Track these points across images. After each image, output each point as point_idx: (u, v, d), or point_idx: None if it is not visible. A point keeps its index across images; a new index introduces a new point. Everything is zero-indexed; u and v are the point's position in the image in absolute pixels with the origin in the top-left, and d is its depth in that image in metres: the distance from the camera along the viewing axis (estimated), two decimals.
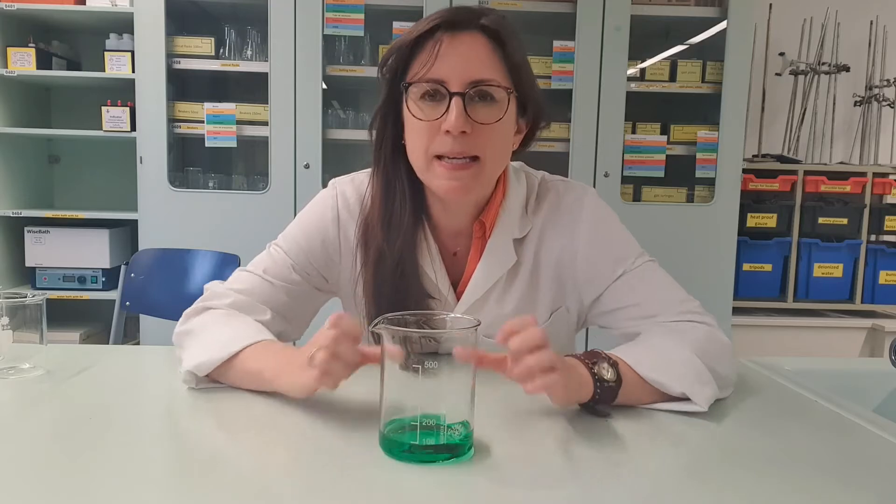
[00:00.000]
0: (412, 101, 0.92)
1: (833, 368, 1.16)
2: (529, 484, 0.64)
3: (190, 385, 0.89)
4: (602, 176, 2.67)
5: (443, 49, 0.89)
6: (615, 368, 0.81)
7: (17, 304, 0.92)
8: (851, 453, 0.77)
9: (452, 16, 0.91)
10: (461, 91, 0.89)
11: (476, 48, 0.90)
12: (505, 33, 0.92)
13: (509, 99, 0.92)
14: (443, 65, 0.89)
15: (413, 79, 0.91)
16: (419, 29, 0.91)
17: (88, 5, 2.71)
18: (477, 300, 1.01)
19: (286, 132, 2.60)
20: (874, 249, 2.99)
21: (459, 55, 0.89)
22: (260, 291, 1.00)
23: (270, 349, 0.88)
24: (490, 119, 0.90)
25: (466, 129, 0.89)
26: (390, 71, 0.94)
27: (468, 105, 0.89)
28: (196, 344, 0.91)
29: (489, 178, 0.96)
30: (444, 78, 0.89)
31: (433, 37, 0.90)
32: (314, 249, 1.03)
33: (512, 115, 0.94)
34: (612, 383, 0.80)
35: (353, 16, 2.59)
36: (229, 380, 0.89)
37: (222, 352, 0.87)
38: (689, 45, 2.91)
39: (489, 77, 0.90)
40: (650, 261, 1.01)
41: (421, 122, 0.91)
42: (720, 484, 0.66)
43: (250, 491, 0.61)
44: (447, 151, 0.90)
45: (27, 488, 0.61)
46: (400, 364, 0.68)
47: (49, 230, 2.78)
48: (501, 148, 0.95)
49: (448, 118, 0.88)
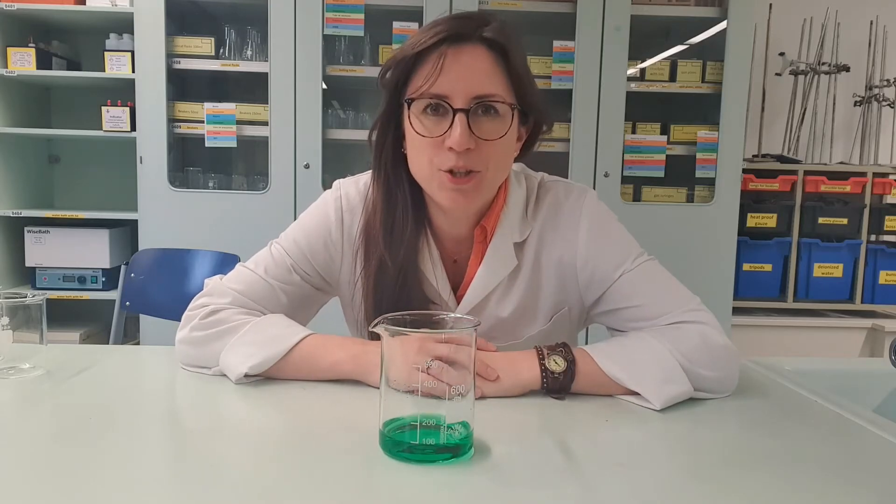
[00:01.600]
0: (414, 116, 0.91)
1: (833, 368, 1.16)
2: (529, 484, 0.64)
3: (240, 381, 0.91)
4: (602, 176, 2.67)
5: (445, 64, 0.88)
6: (569, 361, 0.88)
7: (17, 304, 0.92)
8: (851, 453, 0.77)
9: (455, 28, 0.89)
10: (465, 107, 0.88)
11: (479, 62, 0.89)
12: (508, 44, 0.91)
13: (513, 113, 0.92)
14: (445, 80, 0.88)
15: (415, 93, 0.90)
16: (422, 42, 0.89)
17: (88, 5, 2.71)
18: (477, 304, 1.01)
19: (286, 132, 2.60)
20: (874, 249, 2.99)
21: (462, 70, 0.88)
22: (258, 291, 1.00)
23: (333, 341, 0.93)
24: (494, 135, 0.90)
25: (471, 146, 0.88)
26: (391, 82, 0.93)
27: (472, 120, 0.88)
28: (241, 344, 0.92)
29: (491, 188, 0.96)
30: (447, 93, 0.88)
31: (436, 50, 0.89)
32: (315, 250, 1.03)
33: (515, 128, 0.94)
34: (560, 375, 0.87)
35: (353, 16, 2.59)
36: (284, 373, 0.92)
37: (278, 347, 0.91)
38: (689, 45, 2.91)
39: (492, 92, 0.89)
40: (650, 259, 1.01)
41: (424, 138, 0.90)
42: (720, 483, 0.66)
43: (250, 491, 0.61)
44: (451, 167, 0.90)
45: (27, 488, 0.61)
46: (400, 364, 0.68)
47: (49, 230, 2.78)
48: (504, 160, 0.95)
49: (452, 135, 0.88)
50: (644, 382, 0.86)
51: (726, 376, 0.91)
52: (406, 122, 0.93)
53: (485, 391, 0.86)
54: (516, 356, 0.90)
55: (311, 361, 0.91)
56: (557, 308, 1.04)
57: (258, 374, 0.92)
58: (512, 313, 1.02)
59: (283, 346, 0.91)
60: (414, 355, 0.70)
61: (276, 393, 0.89)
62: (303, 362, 0.91)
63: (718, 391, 0.91)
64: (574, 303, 1.04)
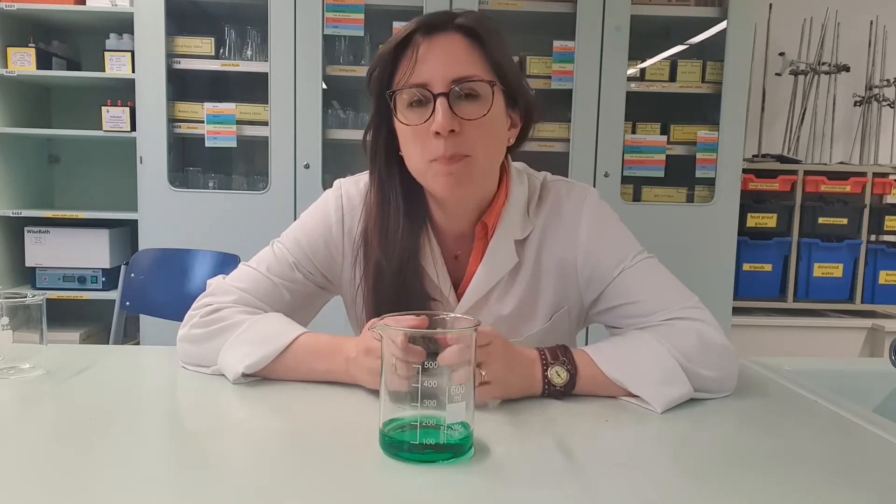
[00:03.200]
0: (400, 111, 0.93)
1: (833, 368, 1.16)
2: (529, 484, 0.64)
3: (237, 381, 0.90)
4: (602, 176, 2.67)
5: (421, 52, 0.90)
6: (570, 372, 0.87)
7: (17, 304, 0.92)
8: (851, 453, 0.77)
9: (428, 20, 0.92)
10: (444, 91, 0.89)
11: (454, 47, 0.91)
12: (482, 30, 0.92)
13: (493, 92, 0.92)
14: (423, 68, 0.90)
15: (397, 86, 0.92)
16: (397, 38, 0.92)
17: (88, 5, 2.71)
18: (477, 301, 1.01)
19: (286, 132, 2.60)
20: (874, 249, 2.99)
21: (438, 56, 0.90)
22: (261, 289, 1.00)
23: (325, 343, 0.92)
24: (476, 114, 0.91)
25: (455, 128, 0.89)
26: (376, 83, 0.95)
27: (453, 104, 0.90)
28: (238, 343, 0.92)
29: (482, 172, 0.96)
30: (426, 80, 0.90)
31: (411, 42, 0.91)
32: (317, 249, 1.03)
33: (500, 108, 0.95)
34: (561, 387, 0.87)
35: (353, 16, 2.59)
36: (278, 373, 0.92)
37: (274, 346, 0.90)
38: (689, 45, 2.91)
39: (470, 73, 0.91)
40: (649, 257, 1.01)
41: (412, 129, 0.92)
42: (720, 483, 0.66)
43: (250, 491, 0.61)
44: (440, 155, 0.90)
45: (27, 488, 0.61)
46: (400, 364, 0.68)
47: (49, 230, 2.78)
48: (493, 142, 0.95)
49: (435, 119, 0.89)
50: (645, 386, 0.86)
51: (725, 376, 0.91)
52: (395, 118, 0.94)
53: (485, 397, 0.84)
54: (519, 361, 0.87)
55: (305, 364, 0.91)
56: (557, 307, 1.04)
57: (255, 375, 0.92)
58: (512, 311, 1.02)
59: (279, 344, 0.91)
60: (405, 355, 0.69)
61: (275, 393, 0.89)
62: (298, 363, 0.91)
63: (718, 391, 0.91)
64: (574, 302, 1.04)
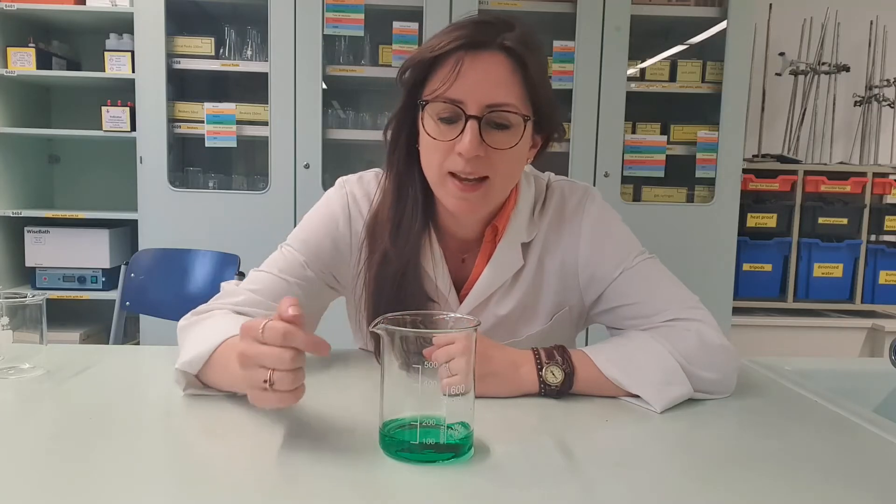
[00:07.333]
0: (428, 118, 0.91)
1: (833, 368, 1.16)
2: (529, 484, 0.64)
3: (185, 390, 0.86)
4: (602, 176, 2.67)
5: (462, 70, 0.87)
6: (566, 371, 0.88)
7: (17, 304, 0.92)
8: (851, 453, 0.77)
9: (475, 34, 0.88)
10: (477, 115, 0.88)
11: (495, 69, 0.89)
12: (527, 53, 0.89)
13: (525, 125, 0.91)
14: (461, 86, 0.87)
15: (430, 96, 0.90)
16: (441, 46, 0.88)
17: (88, 5, 2.71)
18: (479, 303, 1.01)
19: (286, 132, 2.60)
20: (874, 249, 2.99)
21: (478, 77, 0.88)
22: (274, 289, 0.98)
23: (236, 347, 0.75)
24: (504, 145, 0.90)
25: (480, 153, 0.88)
26: (409, 82, 0.93)
27: (483, 129, 0.88)
28: (186, 342, 0.89)
29: (498, 196, 0.96)
30: (461, 98, 0.88)
31: (454, 55, 0.88)
32: (324, 247, 1.02)
33: (527, 138, 0.93)
34: (556, 387, 0.87)
35: (353, 16, 2.59)
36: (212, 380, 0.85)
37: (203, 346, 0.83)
38: (689, 45, 2.91)
39: (506, 101, 0.88)
40: (650, 258, 1.01)
41: (435, 141, 0.91)
42: (720, 483, 0.66)
43: (250, 491, 0.61)
44: (459, 171, 0.90)
45: (27, 488, 0.61)
46: (400, 364, 0.68)
47: (49, 230, 2.78)
48: (513, 169, 0.95)
49: (462, 141, 0.88)
50: (645, 386, 0.86)
51: (726, 377, 0.91)
52: (420, 122, 0.93)
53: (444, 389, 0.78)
54: (513, 360, 0.89)
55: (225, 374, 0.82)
56: (558, 308, 1.04)
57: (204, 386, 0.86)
58: (512, 312, 1.02)
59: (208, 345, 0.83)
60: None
61: None
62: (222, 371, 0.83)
63: (718, 392, 0.91)
64: (574, 303, 1.04)
